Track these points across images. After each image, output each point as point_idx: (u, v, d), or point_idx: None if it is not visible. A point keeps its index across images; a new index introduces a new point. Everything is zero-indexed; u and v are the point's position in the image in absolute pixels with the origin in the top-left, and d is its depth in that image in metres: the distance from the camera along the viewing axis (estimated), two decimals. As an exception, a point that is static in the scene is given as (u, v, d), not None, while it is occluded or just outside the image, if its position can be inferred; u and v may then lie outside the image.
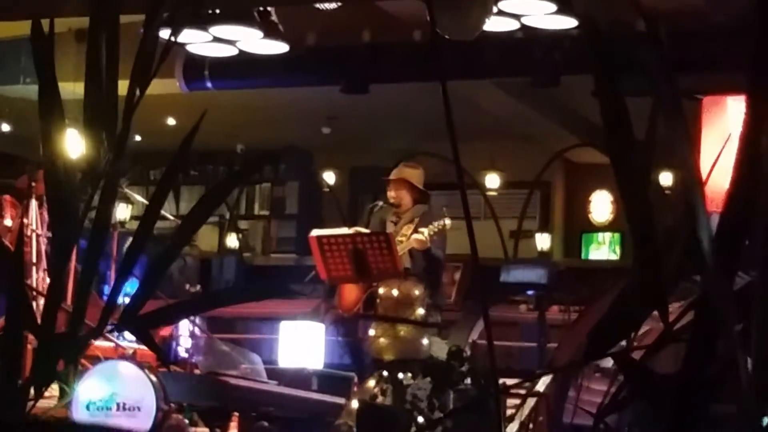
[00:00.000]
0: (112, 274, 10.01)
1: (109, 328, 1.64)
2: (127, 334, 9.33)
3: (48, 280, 6.63)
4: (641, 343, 1.30)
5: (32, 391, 1.55)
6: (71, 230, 1.59)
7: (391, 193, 8.86)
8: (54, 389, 8.63)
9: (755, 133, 1.09)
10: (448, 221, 8.43)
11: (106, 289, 9.52)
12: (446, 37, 8.57)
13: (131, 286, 1.68)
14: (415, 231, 8.54)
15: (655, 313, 1.26)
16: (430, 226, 8.44)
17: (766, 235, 1.10)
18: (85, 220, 1.62)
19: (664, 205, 1.28)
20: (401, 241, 8.47)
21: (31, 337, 1.68)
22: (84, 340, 1.67)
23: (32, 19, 1.62)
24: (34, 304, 7.62)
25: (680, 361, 1.10)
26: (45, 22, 1.65)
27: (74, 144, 1.70)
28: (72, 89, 1.76)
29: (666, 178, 1.69)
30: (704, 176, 1.22)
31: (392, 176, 8.94)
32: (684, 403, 1.10)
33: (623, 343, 1.31)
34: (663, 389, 1.12)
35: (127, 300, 1.64)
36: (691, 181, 1.12)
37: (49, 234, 8.91)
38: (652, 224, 1.21)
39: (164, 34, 1.63)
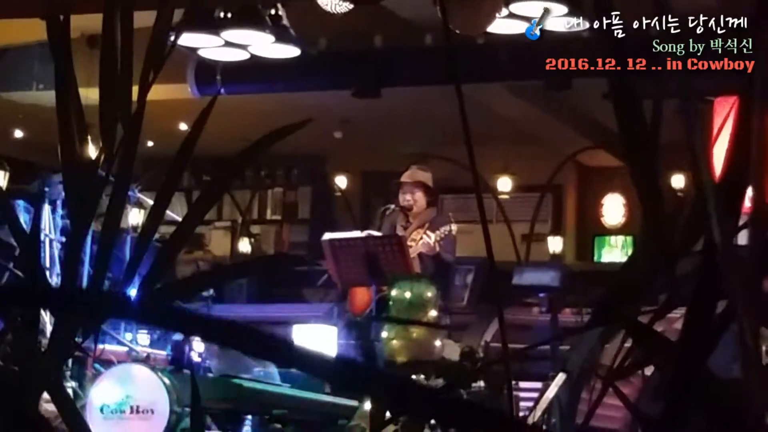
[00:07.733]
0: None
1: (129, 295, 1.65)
2: (140, 339, 9.36)
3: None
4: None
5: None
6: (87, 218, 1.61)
7: (405, 196, 8.83)
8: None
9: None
10: (454, 227, 8.45)
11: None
12: (456, 32, 8.53)
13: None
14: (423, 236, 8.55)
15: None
16: (437, 232, 8.45)
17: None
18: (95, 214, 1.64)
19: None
20: (411, 246, 8.48)
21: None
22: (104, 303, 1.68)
23: (47, 16, 1.64)
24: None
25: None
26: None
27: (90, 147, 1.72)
28: (85, 95, 1.77)
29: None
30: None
31: (407, 179, 8.92)
32: (684, 366, 1.11)
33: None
34: (672, 354, 1.12)
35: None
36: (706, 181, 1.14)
37: (62, 239, 8.94)
38: (661, 196, 1.23)
39: (182, 40, 1.66)
